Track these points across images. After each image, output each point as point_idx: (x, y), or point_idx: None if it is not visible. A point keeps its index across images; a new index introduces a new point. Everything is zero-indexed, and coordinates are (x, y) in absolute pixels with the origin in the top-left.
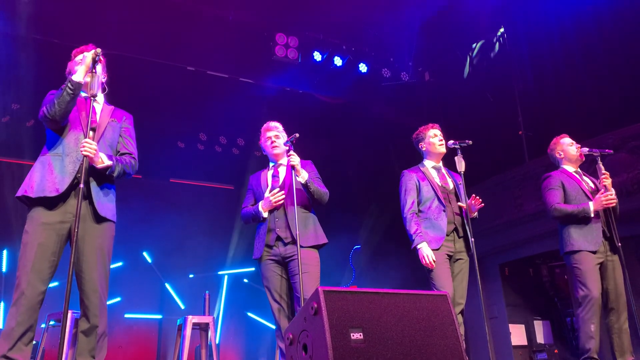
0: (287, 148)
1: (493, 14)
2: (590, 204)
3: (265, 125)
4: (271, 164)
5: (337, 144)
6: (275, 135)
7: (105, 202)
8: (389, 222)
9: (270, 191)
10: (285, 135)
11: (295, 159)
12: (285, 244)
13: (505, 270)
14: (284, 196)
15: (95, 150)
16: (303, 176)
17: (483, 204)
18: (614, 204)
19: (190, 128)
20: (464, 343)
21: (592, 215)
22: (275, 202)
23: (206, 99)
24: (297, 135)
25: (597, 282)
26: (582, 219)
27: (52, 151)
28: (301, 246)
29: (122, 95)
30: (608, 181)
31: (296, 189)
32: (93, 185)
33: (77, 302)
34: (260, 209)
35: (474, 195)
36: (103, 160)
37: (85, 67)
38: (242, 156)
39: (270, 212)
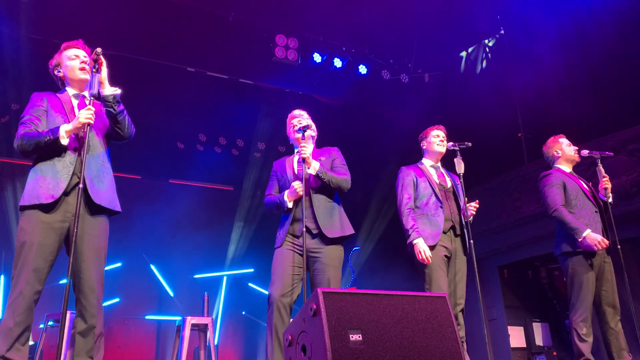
0: (300, 136)
1: (493, 15)
2: (587, 232)
3: (290, 113)
4: (296, 150)
5: (336, 145)
6: (298, 121)
7: (101, 191)
8: (388, 223)
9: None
10: (312, 122)
11: (307, 151)
12: (313, 236)
13: (504, 272)
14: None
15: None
16: (314, 167)
17: (474, 213)
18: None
19: (189, 129)
20: (464, 345)
21: (580, 240)
22: (301, 193)
23: (206, 99)
24: (309, 124)
25: (592, 284)
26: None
27: (43, 158)
28: (328, 237)
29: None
30: (608, 184)
31: (314, 178)
32: (89, 175)
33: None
34: (285, 198)
35: (477, 200)
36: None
37: (75, 129)
38: (242, 157)
39: (296, 202)
